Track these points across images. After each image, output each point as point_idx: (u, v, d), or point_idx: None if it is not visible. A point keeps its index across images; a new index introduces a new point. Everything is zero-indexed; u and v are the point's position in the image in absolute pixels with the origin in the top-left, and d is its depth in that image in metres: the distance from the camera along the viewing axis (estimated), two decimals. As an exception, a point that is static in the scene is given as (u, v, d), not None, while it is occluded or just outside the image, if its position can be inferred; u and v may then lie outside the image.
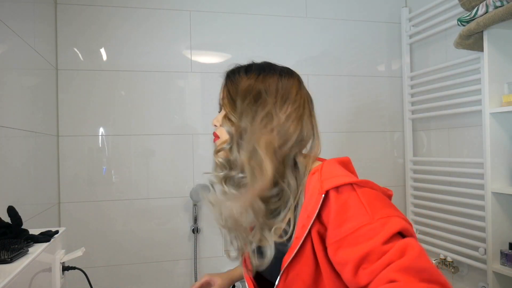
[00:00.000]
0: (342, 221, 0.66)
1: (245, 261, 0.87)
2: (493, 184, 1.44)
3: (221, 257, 1.88)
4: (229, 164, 0.81)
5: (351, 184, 0.69)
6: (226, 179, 0.81)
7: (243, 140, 0.77)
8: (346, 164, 0.80)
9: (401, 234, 0.64)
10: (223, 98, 0.84)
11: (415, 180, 2.04)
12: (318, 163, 0.81)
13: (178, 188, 1.83)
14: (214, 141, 0.87)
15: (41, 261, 0.86)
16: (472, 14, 1.41)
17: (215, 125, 0.86)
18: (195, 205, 1.82)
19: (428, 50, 1.97)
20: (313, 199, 0.70)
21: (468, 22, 1.44)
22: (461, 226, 1.71)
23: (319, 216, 0.70)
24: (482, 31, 1.43)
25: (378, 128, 2.09)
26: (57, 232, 1.00)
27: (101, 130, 1.76)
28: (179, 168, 1.84)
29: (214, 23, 1.89)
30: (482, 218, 1.56)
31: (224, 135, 0.82)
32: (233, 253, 0.87)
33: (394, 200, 0.75)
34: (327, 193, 0.69)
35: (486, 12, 1.36)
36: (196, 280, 1.80)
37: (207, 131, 1.87)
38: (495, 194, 1.44)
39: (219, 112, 0.88)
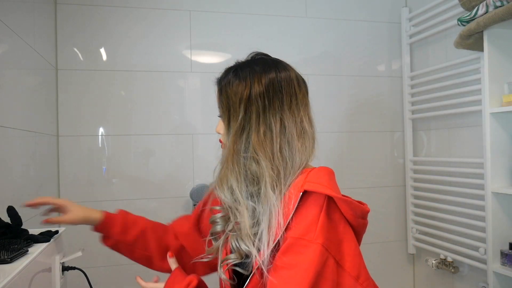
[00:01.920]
0: (295, 225, 0.69)
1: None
2: (493, 184, 1.44)
3: (221, 257, 1.87)
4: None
5: (327, 196, 0.69)
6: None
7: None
8: (332, 175, 0.77)
9: None
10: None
11: (415, 180, 2.04)
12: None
13: (178, 188, 1.83)
14: (222, 147, 0.85)
15: (41, 261, 0.86)
16: (472, 14, 1.41)
17: (219, 133, 0.85)
18: (195, 205, 1.82)
19: (428, 50, 1.97)
20: (291, 198, 0.71)
21: (468, 22, 1.44)
22: (461, 226, 1.71)
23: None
24: (482, 31, 1.43)
25: (378, 128, 2.09)
26: (57, 232, 1.00)
27: (101, 130, 1.76)
28: (179, 168, 1.84)
29: (214, 23, 1.89)
30: (482, 218, 1.56)
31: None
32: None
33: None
34: (304, 193, 0.70)
35: (486, 12, 1.36)
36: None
37: (207, 131, 1.86)
38: (495, 194, 1.44)
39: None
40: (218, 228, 0.84)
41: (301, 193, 0.70)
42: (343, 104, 2.04)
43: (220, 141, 0.86)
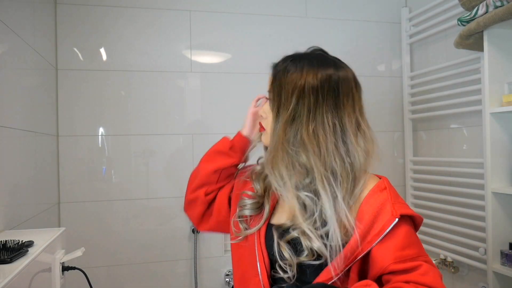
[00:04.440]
0: (405, 246, 0.73)
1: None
2: (493, 184, 1.44)
3: (221, 257, 1.87)
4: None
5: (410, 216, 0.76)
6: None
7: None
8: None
9: None
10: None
11: (415, 180, 2.04)
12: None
13: (178, 188, 1.83)
14: (261, 130, 0.86)
15: (41, 261, 0.86)
16: (472, 14, 1.41)
17: (261, 116, 0.84)
18: (195, 205, 1.82)
19: (428, 50, 1.97)
20: (384, 218, 0.71)
21: (468, 22, 1.44)
22: (461, 226, 1.71)
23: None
24: (482, 31, 1.43)
25: (378, 128, 2.09)
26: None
27: (101, 130, 1.76)
28: (179, 168, 1.84)
29: (214, 23, 1.89)
30: (482, 218, 1.56)
31: (268, 127, 0.81)
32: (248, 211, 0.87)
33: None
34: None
35: (486, 12, 1.36)
36: (196, 280, 1.80)
37: (207, 131, 1.86)
38: (495, 194, 1.44)
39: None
40: (246, 212, 0.86)
41: (397, 219, 0.71)
42: (343, 104, 2.04)
43: (260, 125, 0.85)
